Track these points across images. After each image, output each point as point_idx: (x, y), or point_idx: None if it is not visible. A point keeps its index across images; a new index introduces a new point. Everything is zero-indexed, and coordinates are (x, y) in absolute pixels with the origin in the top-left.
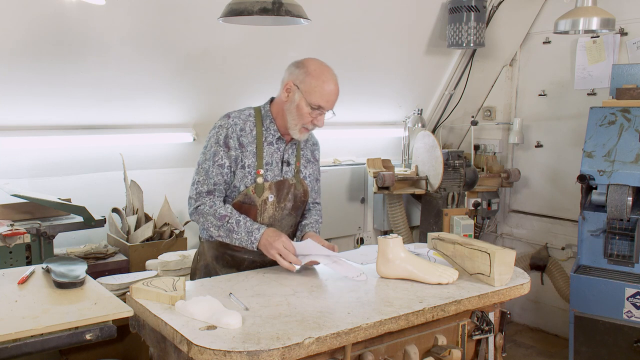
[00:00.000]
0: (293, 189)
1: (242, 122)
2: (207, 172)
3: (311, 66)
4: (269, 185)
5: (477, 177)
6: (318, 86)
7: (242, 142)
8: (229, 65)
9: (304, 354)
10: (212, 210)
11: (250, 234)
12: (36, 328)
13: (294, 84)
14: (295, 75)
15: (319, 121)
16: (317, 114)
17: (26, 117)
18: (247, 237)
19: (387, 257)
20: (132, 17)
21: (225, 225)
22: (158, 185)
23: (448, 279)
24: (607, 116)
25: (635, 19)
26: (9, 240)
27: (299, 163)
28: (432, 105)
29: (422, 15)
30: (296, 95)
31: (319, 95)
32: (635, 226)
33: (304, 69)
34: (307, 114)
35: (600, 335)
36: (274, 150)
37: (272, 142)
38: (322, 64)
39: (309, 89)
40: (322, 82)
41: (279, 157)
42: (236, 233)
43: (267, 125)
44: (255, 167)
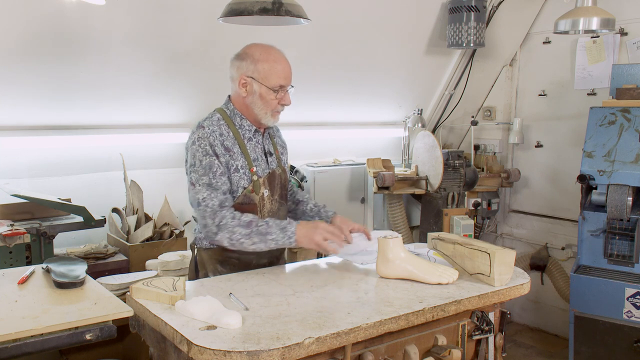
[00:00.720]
0: (280, 178)
1: (217, 127)
2: (210, 186)
3: (255, 53)
4: (263, 180)
5: (477, 177)
6: (271, 68)
7: (227, 145)
8: (228, 65)
9: (304, 354)
10: (236, 222)
11: (284, 230)
12: (36, 328)
13: (247, 76)
14: (245, 68)
15: (286, 99)
16: (281, 94)
17: (26, 117)
18: (282, 234)
19: (387, 257)
20: (132, 17)
21: (255, 229)
22: (158, 185)
23: (448, 279)
24: (607, 116)
25: (635, 19)
26: (9, 240)
27: (277, 151)
28: (432, 105)
29: (422, 15)
30: (254, 86)
31: (276, 76)
32: (635, 226)
33: (250, 58)
34: (272, 99)
35: (600, 335)
36: (255, 144)
37: (250, 137)
38: (263, 46)
39: (264, 75)
40: (272, 62)
41: (261, 149)
42: (270, 234)
43: (240, 123)
44: (247, 167)
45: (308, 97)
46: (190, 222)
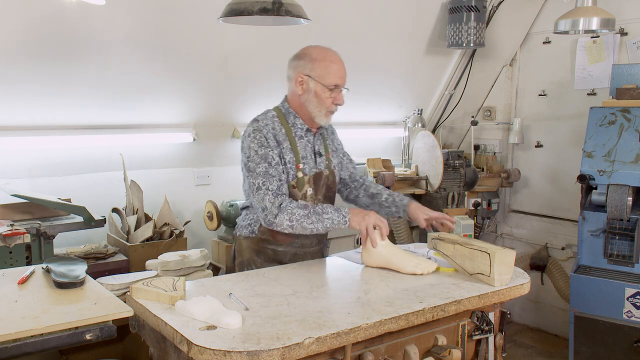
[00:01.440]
0: (327, 180)
1: (270, 122)
2: (267, 173)
3: (313, 52)
4: (308, 179)
5: (477, 177)
6: (328, 67)
7: (278, 139)
8: (229, 65)
9: (304, 354)
10: (295, 204)
11: (339, 210)
12: (36, 328)
13: (304, 74)
14: (302, 67)
15: (339, 99)
16: (336, 93)
17: (26, 117)
18: (337, 214)
19: (369, 247)
20: (132, 17)
21: (313, 210)
22: (158, 185)
23: (423, 270)
24: (607, 116)
25: (635, 19)
26: (9, 240)
27: (329, 154)
28: (432, 105)
29: (422, 15)
30: (311, 84)
31: (332, 75)
32: (635, 226)
33: (308, 57)
34: (327, 98)
35: (600, 335)
36: (306, 143)
37: (302, 136)
38: (321, 47)
39: (321, 73)
40: (330, 62)
41: (311, 149)
42: (326, 214)
43: (293, 121)
44: (294, 162)
45: None
46: (190, 222)
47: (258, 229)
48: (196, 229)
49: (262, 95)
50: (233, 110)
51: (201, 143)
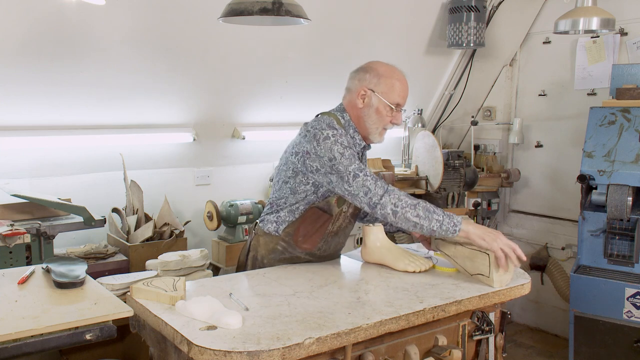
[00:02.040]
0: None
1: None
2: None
3: (380, 68)
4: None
5: (477, 177)
6: (394, 85)
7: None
8: (229, 65)
9: (304, 354)
10: (403, 192)
11: (450, 217)
12: (36, 328)
13: (368, 88)
14: (368, 80)
15: (397, 119)
16: (396, 112)
17: (26, 117)
18: (449, 219)
19: (366, 243)
20: (132, 17)
21: (423, 205)
22: (158, 185)
23: (415, 268)
24: (607, 116)
25: (635, 19)
26: (9, 240)
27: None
28: (432, 105)
29: (422, 15)
30: (373, 99)
31: (397, 93)
32: (635, 226)
33: (374, 72)
34: (386, 115)
35: (600, 335)
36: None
37: (358, 152)
38: (388, 64)
39: (386, 90)
40: (396, 80)
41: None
42: (436, 213)
43: (352, 134)
44: None
45: (308, 97)
46: (190, 222)
47: (283, 230)
48: (196, 229)
49: (262, 95)
50: (233, 110)
51: (201, 143)
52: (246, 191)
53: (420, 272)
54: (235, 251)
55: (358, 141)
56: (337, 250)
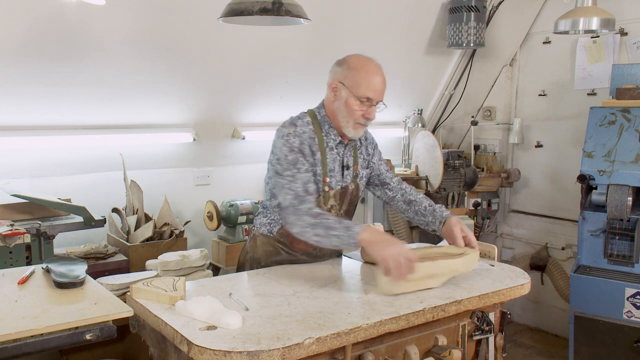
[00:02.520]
0: (351, 194)
1: (309, 130)
2: (294, 177)
3: (353, 61)
4: (334, 193)
5: (477, 177)
6: (363, 78)
7: (313, 150)
8: (229, 65)
9: (304, 354)
10: (306, 210)
11: (349, 228)
12: (36, 328)
13: (339, 81)
14: (339, 73)
15: (370, 114)
16: (366, 106)
17: (26, 117)
18: (347, 233)
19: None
20: (132, 17)
21: (322, 222)
22: (158, 185)
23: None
24: (607, 116)
25: (635, 19)
26: (9, 240)
27: (357, 166)
28: (432, 105)
29: (422, 15)
30: (343, 92)
31: (365, 86)
32: (635, 226)
33: (346, 65)
34: (357, 109)
35: (600, 335)
36: (335, 155)
37: (333, 147)
38: (363, 57)
39: (354, 83)
40: (365, 72)
41: (340, 162)
42: (335, 230)
43: (327, 130)
44: (319, 175)
45: (308, 97)
46: (190, 222)
47: (277, 231)
48: (196, 229)
49: (262, 95)
50: (233, 110)
51: (201, 143)
52: (246, 191)
53: None
54: (235, 251)
55: (333, 137)
56: (335, 250)
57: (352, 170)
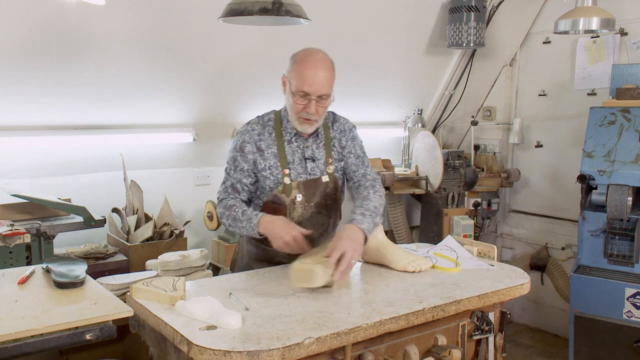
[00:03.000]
0: (325, 187)
1: (260, 127)
2: (228, 173)
3: (299, 55)
4: (296, 184)
5: (477, 177)
6: (300, 72)
7: (260, 146)
8: (228, 65)
9: (304, 354)
10: (225, 202)
11: (250, 220)
12: (36, 328)
13: (286, 76)
14: (287, 67)
15: (310, 109)
16: (305, 101)
17: (26, 117)
18: (248, 223)
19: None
20: (132, 17)
21: (232, 214)
22: (158, 185)
23: (415, 267)
24: (607, 116)
25: (635, 19)
26: (9, 240)
27: (331, 159)
28: (432, 105)
29: (422, 15)
30: (288, 86)
31: (301, 81)
32: (635, 226)
33: (293, 59)
34: (297, 103)
35: (600, 335)
36: (295, 148)
37: (290, 141)
38: (310, 50)
39: (293, 78)
40: (303, 66)
41: (301, 154)
42: (240, 221)
43: (285, 125)
44: (277, 168)
45: None
46: (190, 222)
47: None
48: (196, 229)
49: (262, 95)
50: (233, 110)
51: (201, 143)
52: None
53: (419, 272)
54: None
55: (289, 130)
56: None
57: (322, 163)
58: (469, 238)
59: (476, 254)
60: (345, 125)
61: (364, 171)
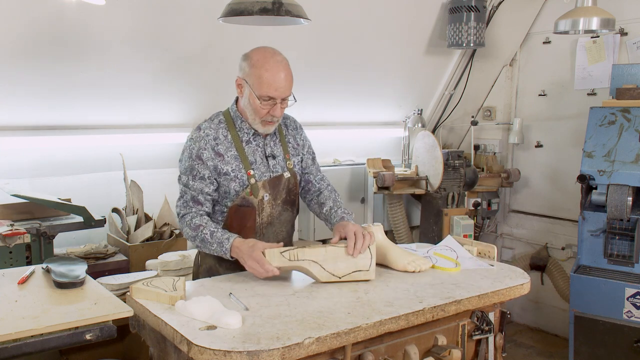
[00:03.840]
0: (287, 183)
1: (214, 131)
2: (187, 185)
3: (254, 57)
4: (262, 184)
5: (477, 177)
6: (262, 77)
7: (219, 150)
8: (228, 65)
9: (304, 354)
10: (189, 221)
11: (221, 244)
12: (36, 328)
13: (242, 78)
14: (243, 70)
15: (276, 112)
16: (270, 105)
17: (26, 117)
18: (219, 248)
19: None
20: (131, 17)
21: (200, 235)
22: (158, 185)
23: (415, 267)
24: (607, 116)
25: (635, 19)
26: (9, 240)
27: (288, 155)
28: (432, 105)
29: (422, 15)
30: (246, 90)
31: (266, 86)
32: (635, 226)
33: (248, 61)
34: (260, 108)
35: (600, 335)
36: (254, 147)
37: (249, 141)
38: (266, 51)
39: (254, 82)
40: (265, 71)
41: (262, 152)
42: (210, 244)
43: (239, 125)
44: (240, 170)
45: (308, 97)
46: None
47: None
48: None
49: None
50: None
51: None
52: None
53: (419, 272)
54: None
55: (246, 130)
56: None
57: (281, 159)
58: (469, 238)
59: (476, 254)
60: (295, 123)
61: (321, 175)
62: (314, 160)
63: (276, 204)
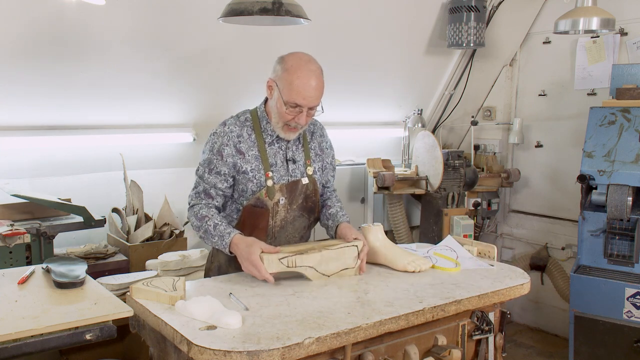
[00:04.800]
0: (305, 189)
1: (238, 128)
2: (202, 177)
3: (289, 61)
4: (279, 187)
5: (477, 177)
6: (293, 83)
7: (241, 148)
8: (228, 65)
9: (304, 354)
10: (197, 212)
11: (222, 238)
12: (36, 328)
13: (274, 80)
14: (276, 72)
15: (300, 119)
16: (296, 112)
17: (26, 117)
18: (220, 241)
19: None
20: (131, 17)
21: (204, 226)
22: (158, 185)
23: (415, 267)
24: (607, 116)
25: (635, 19)
26: (9, 240)
27: (309, 160)
28: (432, 105)
29: (422, 15)
30: (275, 93)
31: (295, 93)
32: (635, 226)
33: (283, 65)
34: (285, 113)
35: (600, 335)
36: (276, 150)
37: (272, 143)
38: (301, 58)
39: (284, 87)
40: (297, 78)
41: (283, 156)
42: (212, 236)
43: (264, 126)
44: (259, 171)
45: None
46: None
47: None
48: None
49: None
50: (233, 110)
51: (201, 143)
52: None
53: (419, 272)
54: None
55: (270, 132)
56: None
57: (301, 165)
58: (469, 238)
59: (476, 254)
60: (322, 130)
61: (332, 183)
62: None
63: (292, 208)
